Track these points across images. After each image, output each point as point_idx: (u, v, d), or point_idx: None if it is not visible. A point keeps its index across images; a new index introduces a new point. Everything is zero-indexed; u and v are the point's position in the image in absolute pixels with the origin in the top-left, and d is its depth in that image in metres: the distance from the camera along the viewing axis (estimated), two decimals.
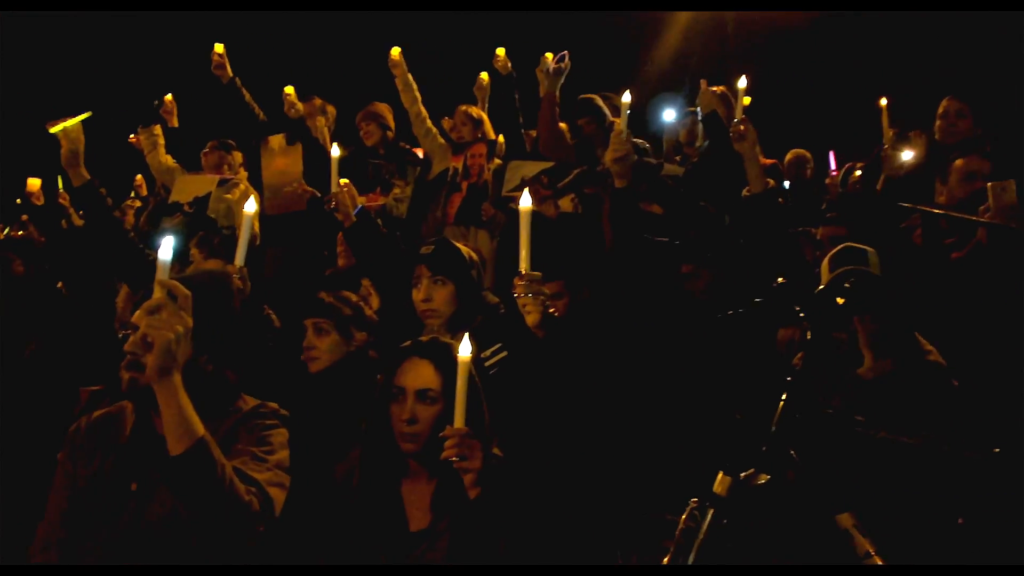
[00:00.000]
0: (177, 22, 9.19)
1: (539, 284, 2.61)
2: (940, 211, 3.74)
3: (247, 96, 5.68)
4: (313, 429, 2.89)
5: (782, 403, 1.69)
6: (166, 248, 1.98)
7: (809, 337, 1.71)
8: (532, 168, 5.10)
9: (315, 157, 5.29)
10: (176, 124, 6.19)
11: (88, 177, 3.88)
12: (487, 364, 2.87)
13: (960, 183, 3.93)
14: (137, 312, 1.99)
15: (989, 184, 3.51)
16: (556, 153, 5.26)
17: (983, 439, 2.96)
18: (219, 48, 5.63)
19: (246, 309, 2.93)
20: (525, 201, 2.60)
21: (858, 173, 5.33)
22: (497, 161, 5.25)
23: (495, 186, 5.07)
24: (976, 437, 2.89)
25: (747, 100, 4.03)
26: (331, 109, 5.82)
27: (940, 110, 4.84)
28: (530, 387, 2.67)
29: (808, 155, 6.61)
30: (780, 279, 1.73)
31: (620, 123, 3.52)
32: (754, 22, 8.98)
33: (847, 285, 1.81)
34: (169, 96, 6.18)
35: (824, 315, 1.75)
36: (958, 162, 4.00)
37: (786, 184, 5.92)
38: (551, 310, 4.00)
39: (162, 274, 1.97)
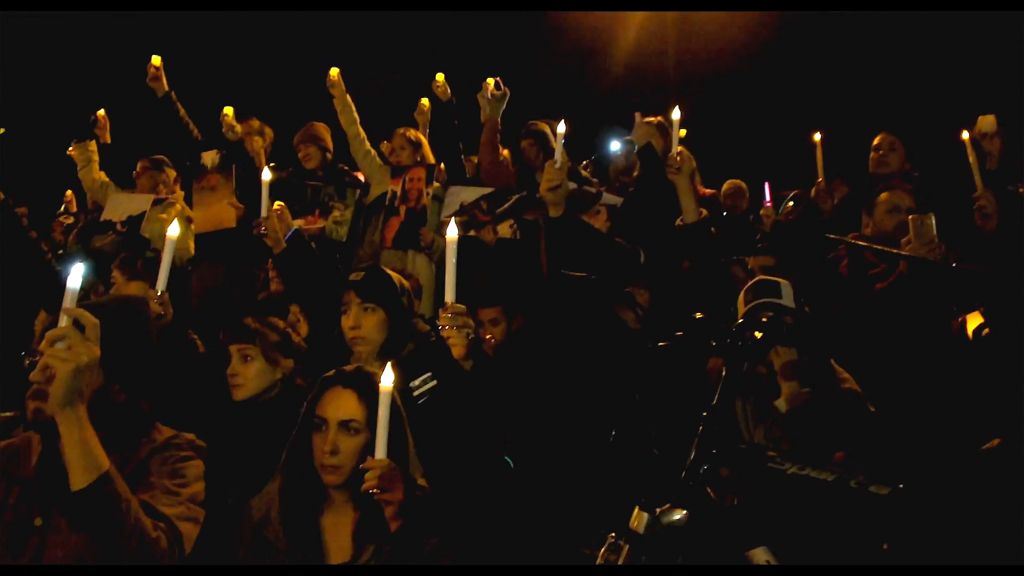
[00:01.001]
0: (113, 33, 8.98)
1: (465, 316, 2.59)
2: (864, 243, 3.84)
3: (182, 112, 5.56)
4: (235, 459, 2.82)
5: (697, 438, 1.69)
6: (75, 276, 1.91)
7: (724, 373, 1.72)
8: (472, 193, 5.11)
9: (251, 179, 5.20)
10: (108, 140, 6.03)
11: (2, 196, 3.74)
12: (416, 393, 2.83)
13: (885, 215, 4.05)
14: (44, 341, 1.92)
15: (910, 217, 3.63)
16: (496, 179, 5.28)
17: (901, 465, 3.04)
18: (156, 60, 5.51)
19: (166, 335, 2.86)
20: (452, 231, 2.58)
21: (791, 204, 5.45)
22: (436, 185, 5.23)
23: (433, 210, 5.05)
24: (894, 463, 2.96)
25: (683, 132, 4.08)
26: (268, 131, 5.73)
27: (874, 143, 4.99)
28: (457, 418, 2.64)
29: (744, 186, 6.74)
30: (698, 314, 1.74)
31: (556, 153, 3.53)
32: (695, 53, 9.18)
33: (764, 319, 1.82)
34: (102, 112, 6.02)
35: (739, 349, 1.76)
36: (884, 195, 4.14)
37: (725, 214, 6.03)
38: (488, 337, 4.03)
39: (68, 302, 1.90)
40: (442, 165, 5.51)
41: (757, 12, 8.75)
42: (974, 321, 3.40)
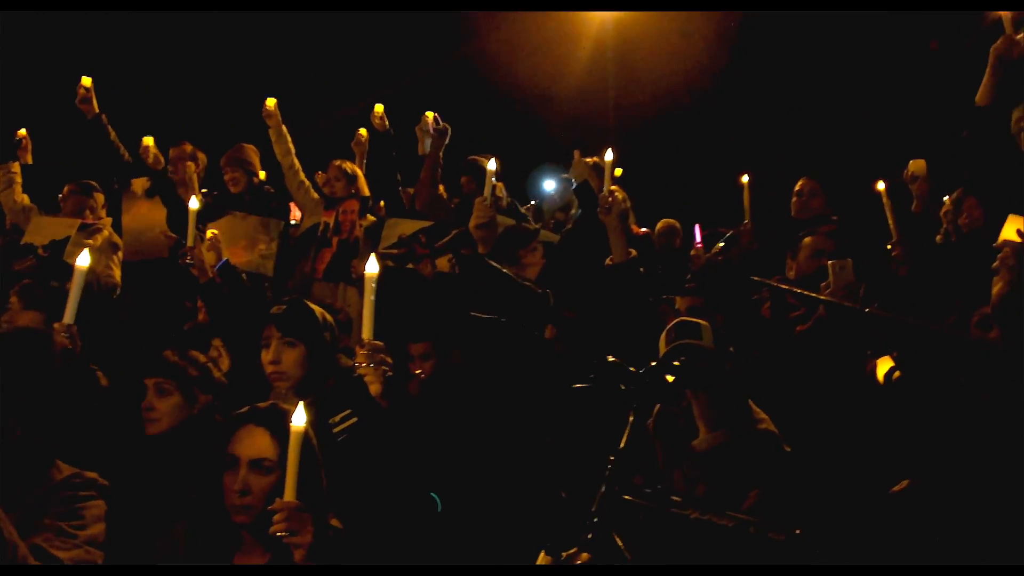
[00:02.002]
0: (39, 51, 8.75)
1: (382, 353, 2.57)
2: (785, 286, 3.94)
3: (112, 135, 5.43)
4: (144, 498, 2.72)
5: (604, 482, 1.70)
6: None
7: (632, 419, 1.74)
8: (410, 226, 5.09)
9: (179, 206, 5.09)
10: (30, 161, 5.84)
11: None
12: (336, 431, 2.78)
13: (808, 259, 4.17)
14: None
15: (829, 263, 3.73)
16: (435, 212, 5.28)
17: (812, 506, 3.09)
18: (86, 81, 5.37)
19: (70, 368, 2.76)
20: (371, 267, 2.56)
21: (720, 245, 5.58)
22: (370, 218, 5.20)
23: (367, 243, 5.01)
24: (806, 504, 3.02)
25: (618, 172, 4.16)
26: (202, 156, 5.63)
27: (796, 188, 5.14)
28: (374, 456, 2.60)
29: (678, 225, 6.87)
30: (610, 357, 1.75)
31: (485, 190, 3.55)
32: (634, 97, 9.41)
33: (676, 363, 1.85)
34: (23, 131, 5.84)
35: (651, 393, 1.78)
36: (806, 239, 4.25)
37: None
38: (418, 372, 4.00)
39: None
40: (382, 202, 5.49)
41: (694, 61, 9.06)
42: (884, 365, 3.50)
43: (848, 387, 3.54)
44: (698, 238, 5.54)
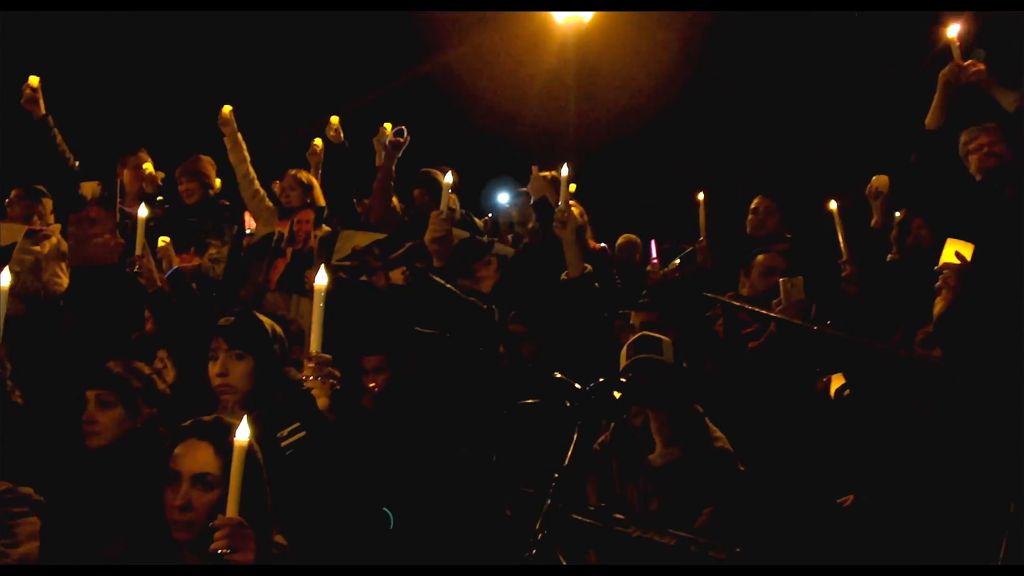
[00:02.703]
0: None
1: (330, 366, 2.53)
2: (737, 303, 3.98)
3: (59, 138, 5.27)
4: (82, 514, 2.64)
5: (548, 500, 1.69)
6: None
7: (576, 436, 1.73)
8: (364, 238, 5.05)
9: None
10: None
11: None
12: (284, 444, 2.73)
13: (760, 277, 4.22)
14: None
15: (780, 280, 3.79)
16: (389, 225, 5.24)
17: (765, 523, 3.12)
18: (33, 81, 5.19)
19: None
20: (320, 279, 2.53)
21: (677, 262, 5.62)
22: (325, 228, 5.14)
23: (321, 254, 4.96)
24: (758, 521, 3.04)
25: (573, 187, 4.17)
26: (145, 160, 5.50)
27: (752, 206, 5.21)
28: (322, 471, 2.56)
29: (638, 241, 6.91)
30: (557, 374, 1.75)
31: (441, 203, 3.53)
32: (596, 110, 9.50)
33: (623, 380, 1.85)
34: None
35: (596, 409, 1.77)
36: (759, 257, 4.32)
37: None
38: (372, 385, 3.95)
39: None
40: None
41: (655, 78, 9.19)
42: (837, 382, 3.56)
43: (798, 403, 3.58)
44: (654, 253, 5.58)
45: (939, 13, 4.56)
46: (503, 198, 6.46)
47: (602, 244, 6.21)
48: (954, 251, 3.25)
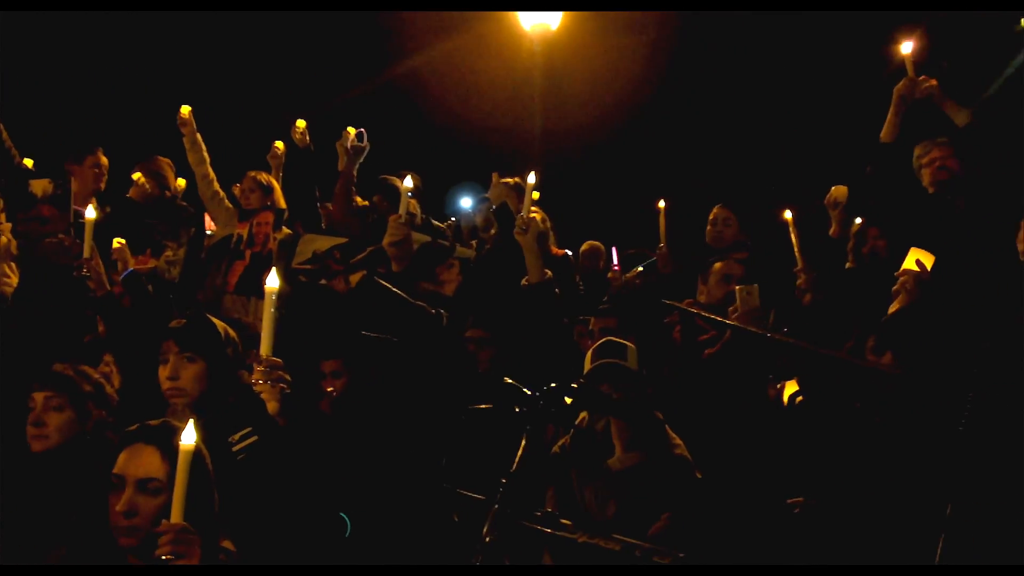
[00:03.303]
0: None
1: (280, 370, 2.50)
2: (694, 310, 4.02)
3: (4, 135, 5.15)
4: (23, 521, 2.58)
5: (496, 506, 1.68)
6: None
7: (524, 442, 1.73)
8: (325, 242, 5.01)
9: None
10: None
11: None
12: (235, 449, 2.69)
13: (717, 284, 4.27)
14: None
15: (737, 288, 3.83)
16: (350, 229, 5.21)
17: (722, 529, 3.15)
18: None
19: None
20: (271, 282, 2.50)
21: (639, 270, 5.65)
22: (286, 230, 5.09)
23: (280, 257, 4.91)
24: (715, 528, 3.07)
25: (536, 195, 4.17)
26: (104, 161, 5.40)
27: (711, 216, 5.26)
28: (273, 476, 2.53)
29: (602, 247, 6.91)
30: (507, 379, 1.75)
31: (400, 208, 3.52)
32: (560, 117, 9.55)
33: (574, 385, 1.85)
34: None
35: (546, 416, 1.78)
36: (717, 265, 4.36)
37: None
38: (329, 389, 3.91)
39: None
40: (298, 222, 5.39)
41: (620, 85, 9.27)
42: (790, 389, 3.60)
43: (752, 410, 3.62)
44: (615, 260, 5.61)
45: (894, 30, 4.66)
46: (466, 203, 6.44)
47: (566, 250, 6.25)
48: (915, 259, 3.31)
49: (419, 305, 3.58)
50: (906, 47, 4.17)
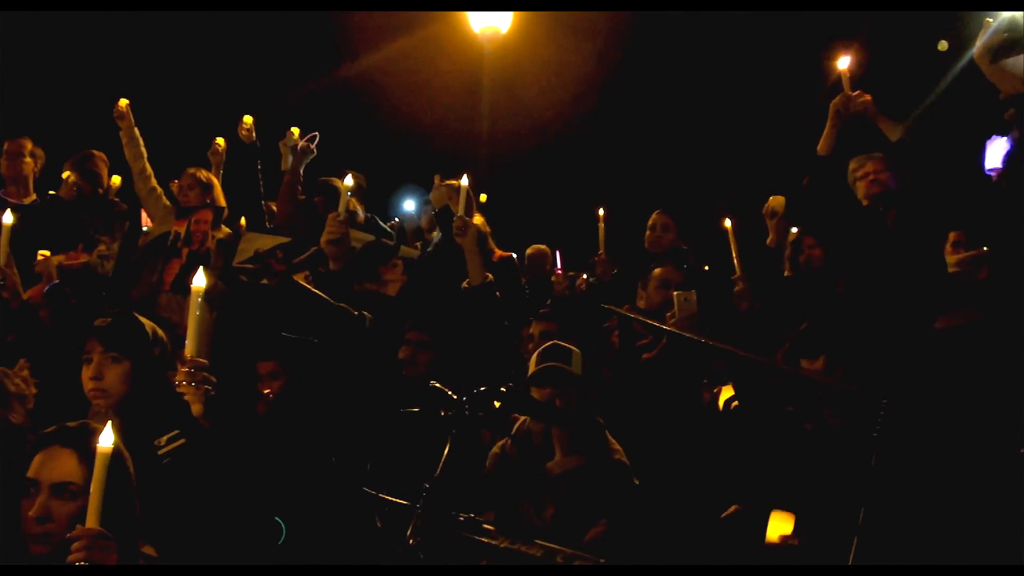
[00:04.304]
0: None
1: (204, 371, 2.44)
2: (632, 315, 4.05)
3: None
4: None
5: (418, 511, 1.67)
6: None
7: (448, 447, 1.72)
8: (268, 241, 4.91)
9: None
10: None
11: None
12: (161, 452, 2.62)
13: (656, 290, 4.31)
14: None
15: (675, 293, 3.87)
16: (294, 229, 5.13)
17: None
18: None
19: None
20: (198, 281, 2.44)
21: (584, 277, 5.66)
22: (226, 229, 4.99)
23: (219, 256, 4.80)
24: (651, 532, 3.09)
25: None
26: (40, 153, 5.24)
27: (649, 222, 5.32)
28: (196, 480, 2.47)
29: (548, 251, 6.94)
30: (434, 382, 1.73)
31: (340, 206, 3.48)
32: (508, 120, 9.57)
33: (503, 390, 1.85)
34: None
35: (472, 420, 1.77)
36: (656, 271, 4.40)
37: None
38: (266, 391, 3.84)
39: None
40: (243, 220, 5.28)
41: (565, 91, 9.34)
42: (726, 394, 3.66)
43: (688, 415, 3.67)
44: (559, 264, 5.63)
45: (831, 46, 4.77)
46: (410, 206, 6.41)
47: (512, 253, 6.25)
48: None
49: (340, 307, 3.53)
50: (843, 62, 4.26)
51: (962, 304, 3.08)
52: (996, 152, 4.35)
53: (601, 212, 5.43)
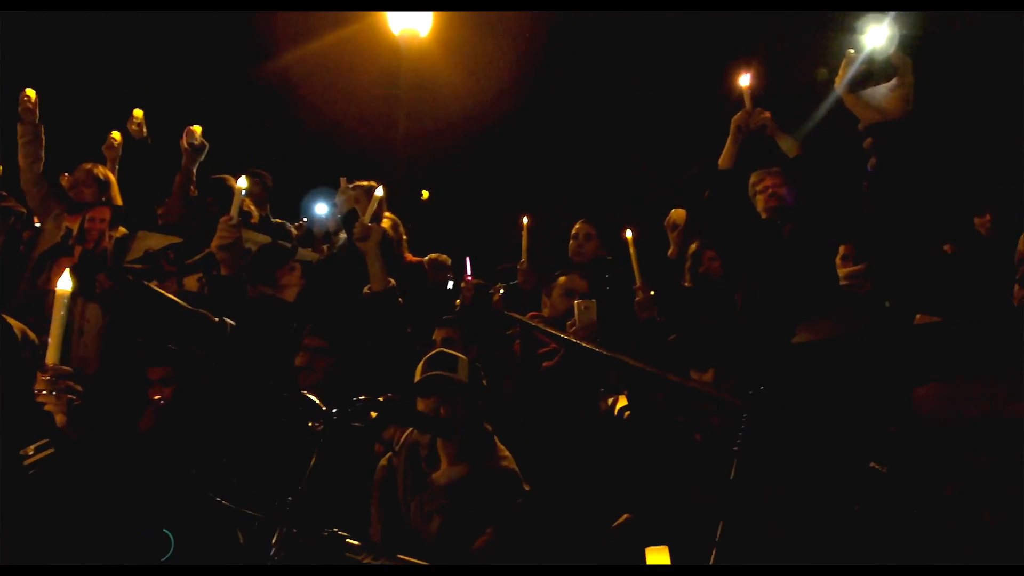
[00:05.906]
0: None
1: (67, 379, 2.33)
2: (533, 323, 4.07)
3: None
4: None
5: (281, 524, 1.63)
6: None
7: (314, 459, 1.68)
8: (159, 241, 4.75)
9: None
10: None
11: None
12: (27, 463, 2.48)
13: (560, 298, 4.33)
14: None
15: (575, 302, 3.90)
16: (186, 229, 4.97)
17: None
18: None
19: None
20: (63, 283, 2.33)
21: (501, 291, 5.63)
22: (122, 229, 4.80)
23: (116, 256, 4.63)
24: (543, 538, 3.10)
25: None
26: None
27: (572, 232, 5.35)
28: (63, 493, 2.35)
29: (447, 260, 6.81)
30: (305, 392, 1.69)
31: (232, 209, 3.39)
32: (427, 123, 9.53)
33: (381, 399, 1.82)
34: None
35: (341, 432, 1.74)
36: (561, 279, 4.43)
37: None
38: (157, 398, 3.70)
39: None
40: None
41: (486, 96, 9.37)
42: (622, 403, 3.70)
43: (585, 423, 3.70)
44: (468, 271, 5.59)
45: (732, 64, 4.90)
46: (322, 209, 6.29)
47: (425, 258, 6.19)
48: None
49: (200, 312, 3.43)
50: (744, 80, 4.38)
51: (828, 317, 3.19)
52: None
53: (525, 221, 5.41)
